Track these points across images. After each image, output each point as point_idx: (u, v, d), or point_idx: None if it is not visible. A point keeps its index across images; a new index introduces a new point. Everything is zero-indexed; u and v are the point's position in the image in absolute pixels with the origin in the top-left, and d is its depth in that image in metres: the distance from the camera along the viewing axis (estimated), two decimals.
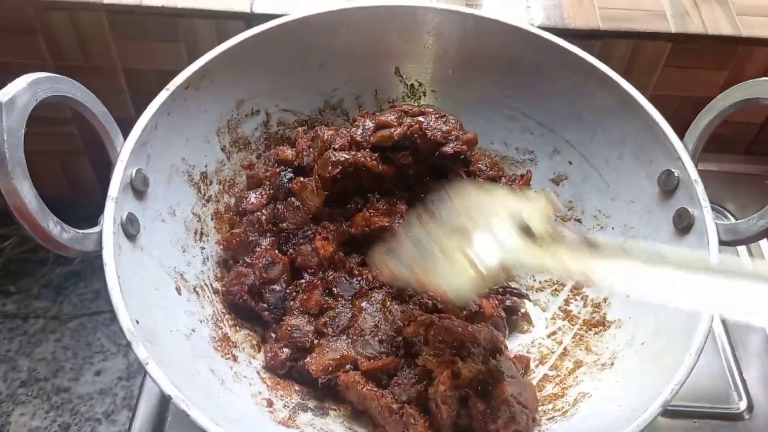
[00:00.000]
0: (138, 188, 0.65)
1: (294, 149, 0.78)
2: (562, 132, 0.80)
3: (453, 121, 0.74)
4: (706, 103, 0.70)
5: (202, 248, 0.72)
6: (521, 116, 0.82)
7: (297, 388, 0.67)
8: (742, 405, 0.77)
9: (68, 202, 1.01)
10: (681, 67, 0.96)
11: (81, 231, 0.59)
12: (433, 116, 0.74)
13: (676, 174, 0.69)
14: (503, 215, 0.60)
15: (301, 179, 0.74)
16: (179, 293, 0.66)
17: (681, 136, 0.70)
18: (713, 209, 0.66)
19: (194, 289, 0.68)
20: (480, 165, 0.79)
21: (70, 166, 1.17)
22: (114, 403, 1.07)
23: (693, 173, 0.67)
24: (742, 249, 0.90)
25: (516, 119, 0.82)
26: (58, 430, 1.06)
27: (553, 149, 0.81)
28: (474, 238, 0.60)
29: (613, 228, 0.75)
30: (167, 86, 0.70)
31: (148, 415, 0.78)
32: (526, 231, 0.58)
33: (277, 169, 0.76)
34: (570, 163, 0.80)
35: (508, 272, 0.58)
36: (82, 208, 1.01)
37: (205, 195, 0.74)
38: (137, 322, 0.56)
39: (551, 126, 0.80)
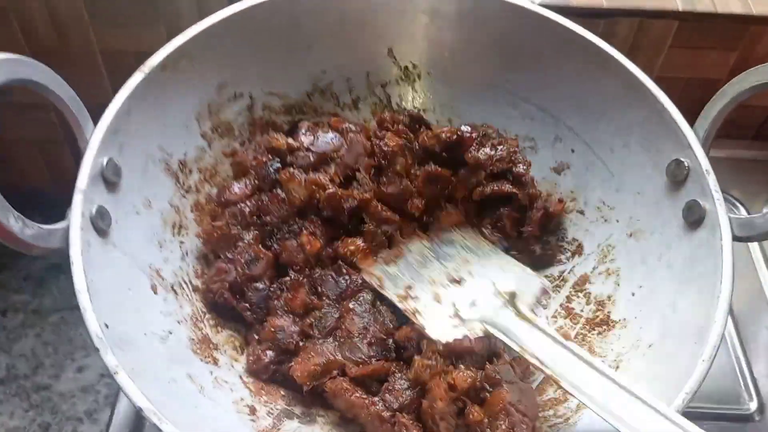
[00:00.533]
0: (109, 179, 0.60)
1: (287, 137, 0.73)
2: (565, 118, 0.75)
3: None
4: (713, 86, 0.66)
5: (181, 243, 0.67)
6: (521, 101, 0.77)
7: (283, 392, 0.63)
8: (753, 405, 0.74)
9: (51, 195, 0.97)
10: (688, 47, 0.92)
11: (45, 226, 0.55)
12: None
13: (686, 164, 0.64)
14: (499, 280, 0.67)
15: (290, 170, 0.69)
16: (155, 292, 0.62)
17: (687, 119, 0.66)
18: None
19: (172, 287, 0.64)
20: (487, 150, 0.73)
21: (52, 155, 1.12)
22: (96, 401, 1.04)
23: (704, 163, 0.63)
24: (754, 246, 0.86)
25: (516, 104, 0.77)
26: (38, 430, 1.02)
27: (555, 137, 0.76)
28: (465, 289, 0.67)
29: (617, 221, 0.71)
30: (141, 67, 0.65)
31: (129, 414, 0.75)
32: (512, 303, 0.64)
33: (264, 159, 0.72)
34: (572, 151, 0.75)
35: (485, 332, 0.62)
36: (67, 203, 0.97)
37: (184, 185, 0.70)
38: (107, 326, 0.52)
39: (553, 112, 0.76)
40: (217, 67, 0.71)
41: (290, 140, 0.73)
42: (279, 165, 0.71)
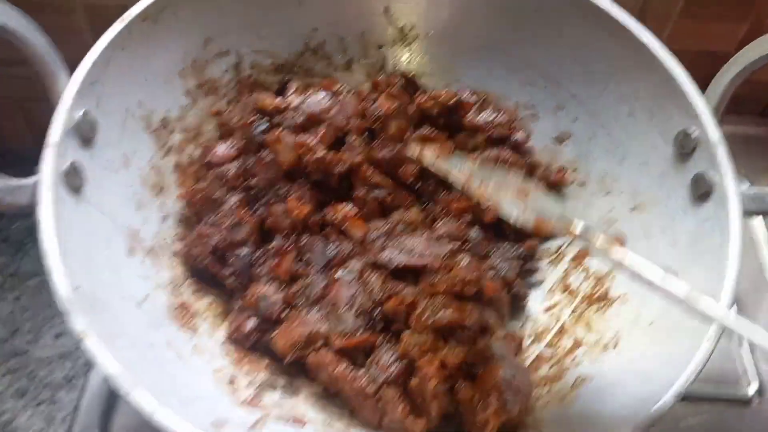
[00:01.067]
0: (85, 134, 0.57)
1: (276, 97, 0.70)
2: (568, 85, 0.72)
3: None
4: (722, 60, 0.63)
5: (161, 205, 0.64)
6: (522, 66, 0.74)
7: (267, 362, 0.60)
8: (752, 389, 0.71)
9: (33, 156, 0.94)
10: (696, 18, 0.88)
11: (13, 180, 0.51)
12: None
13: (694, 134, 0.61)
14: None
15: (278, 131, 0.66)
16: (132, 255, 0.59)
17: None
18: None
19: (150, 250, 0.61)
20: (487, 115, 0.70)
21: (33, 114, 1.08)
22: (74, 368, 1.00)
23: (714, 134, 0.60)
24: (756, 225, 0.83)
25: (517, 70, 0.74)
26: (15, 395, 0.99)
27: (557, 105, 0.73)
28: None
29: (621, 192, 0.68)
30: (122, 17, 0.61)
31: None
32: None
33: (251, 119, 0.68)
34: (575, 120, 0.72)
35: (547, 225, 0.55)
36: None
37: (165, 145, 0.66)
38: (78, 288, 0.49)
39: (556, 78, 0.72)
40: (203, 21, 0.68)
41: (279, 100, 0.69)
42: (266, 126, 0.68)
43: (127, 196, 0.61)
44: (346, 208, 0.65)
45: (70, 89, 0.56)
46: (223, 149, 0.68)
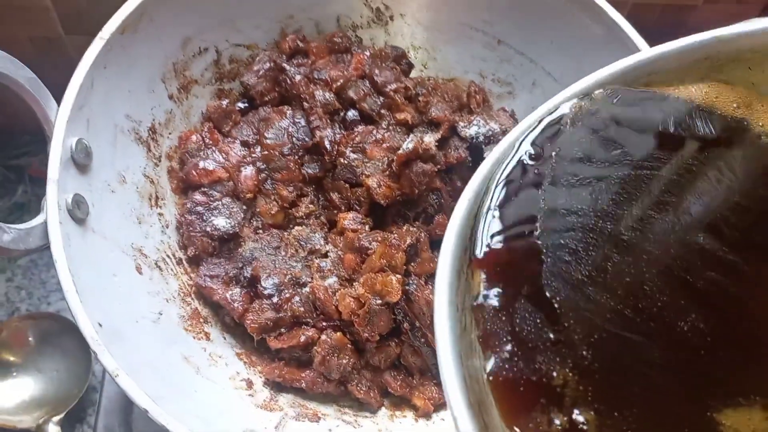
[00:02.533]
0: (80, 162, 0.57)
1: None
2: (544, 63, 0.73)
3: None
4: (688, 13, 0.63)
5: (160, 214, 0.66)
6: (498, 44, 0.75)
7: (275, 365, 0.64)
8: None
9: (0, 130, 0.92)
10: None
11: (23, 227, 0.53)
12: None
13: None
14: None
15: None
16: (140, 273, 0.61)
17: None
18: None
19: (156, 263, 0.63)
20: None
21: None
22: None
23: None
24: None
25: (493, 47, 0.75)
26: None
27: (533, 82, 0.75)
28: None
29: None
30: (100, 34, 0.60)
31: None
32: None
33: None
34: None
35: None
36: (18, 137, 0.92)
37: (156, 153, 0.67)
38: (100, 325, 0.52)
39: (531, 56, 0.74)
40: (179, 22, 0.67)
41: None
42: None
43: (126, 214, 0.62)
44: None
45: (60, 118, 0.56)
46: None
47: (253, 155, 0.68)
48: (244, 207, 0.67)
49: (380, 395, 0.63)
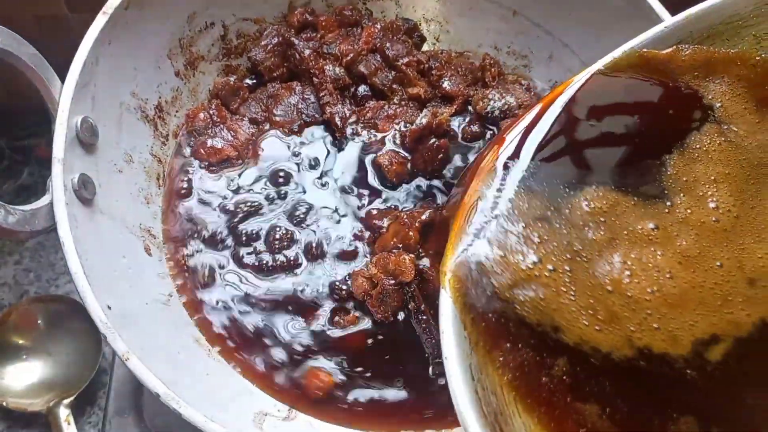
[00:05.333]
0: (86, 141, 0.56)
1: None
2: (561, 35, 0.71)
3: None
4: None
5: None
6: (514, 16, 0.72)
7: None
8: None
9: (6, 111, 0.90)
10: None
11: (28, 208, 0.51)
12: None
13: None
14: None
15: None
16: (149, 254, 0.60)
17: None
18: None
19: (164, 244, 0.62)
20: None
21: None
22: None
23: None
24: None
25: (508, 19, 0.73)
26: None
27: (550, 55, 0.72)
28: None
29: None
30: (103, 9, 0.58)
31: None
32: None
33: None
34: (569, 71, 0.72)
35: None
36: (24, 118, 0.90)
37: (163, 132, 0.66)
38: (109, 307, 0.50)
39: (549, 28, 0.71)
40: None
41: None
42: None
43: (134, 194, 0.61)
44: None
45: (65, 97, 0.54)
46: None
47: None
48: None
49: None
